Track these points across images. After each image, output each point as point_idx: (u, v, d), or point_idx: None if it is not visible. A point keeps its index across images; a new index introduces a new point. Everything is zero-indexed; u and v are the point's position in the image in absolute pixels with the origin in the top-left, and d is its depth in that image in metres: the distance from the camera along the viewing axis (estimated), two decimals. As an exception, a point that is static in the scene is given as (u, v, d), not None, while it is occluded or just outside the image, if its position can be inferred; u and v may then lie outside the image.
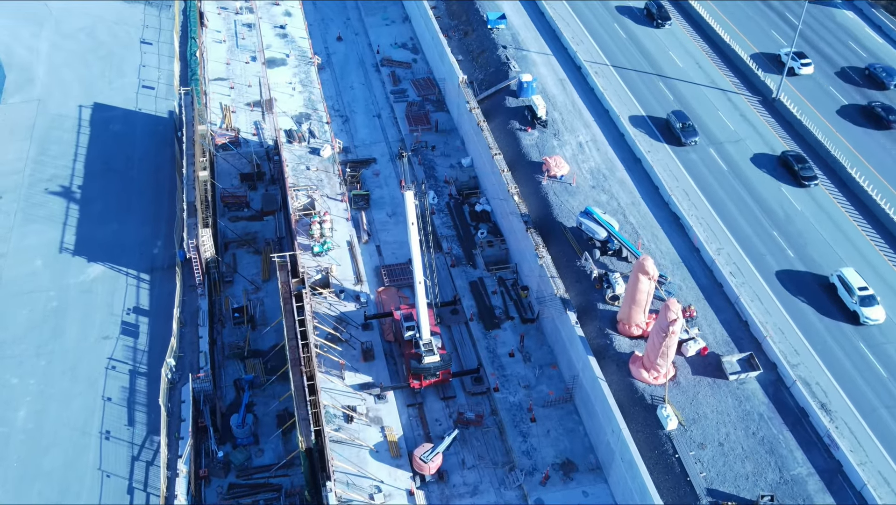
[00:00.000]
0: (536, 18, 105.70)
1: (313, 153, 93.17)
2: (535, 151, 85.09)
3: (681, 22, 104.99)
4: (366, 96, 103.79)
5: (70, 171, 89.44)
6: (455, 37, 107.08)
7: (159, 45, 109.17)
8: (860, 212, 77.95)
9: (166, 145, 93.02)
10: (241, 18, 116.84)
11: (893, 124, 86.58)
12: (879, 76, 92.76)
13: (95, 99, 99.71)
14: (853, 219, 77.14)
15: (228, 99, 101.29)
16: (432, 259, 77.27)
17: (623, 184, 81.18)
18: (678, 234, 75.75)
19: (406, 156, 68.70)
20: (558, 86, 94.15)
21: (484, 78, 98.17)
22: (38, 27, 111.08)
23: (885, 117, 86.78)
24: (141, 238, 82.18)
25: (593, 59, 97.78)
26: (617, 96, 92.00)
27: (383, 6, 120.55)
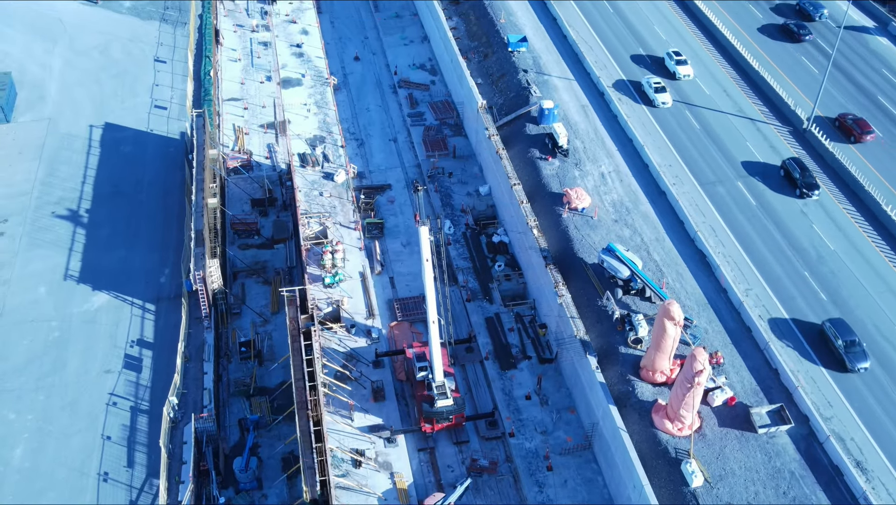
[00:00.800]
0: (558, 41, 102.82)
1: (327, 178, 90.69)
2: (556, 182, 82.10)
3: (707, 46, 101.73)
4: (382, 119, 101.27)
5: (78, 194, 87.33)
6: (474, 59, 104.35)
7: (173, 63, 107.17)
8: (893, 247, 74.59)
9: (177, 168, 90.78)
10: (258, 36, 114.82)
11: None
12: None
13: (107, 118, 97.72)
14: (886, 256, 73.66)
15: (242, 120, 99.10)
16: (447, 292, 74.36)
17: (647, 218, 78.01)
18: (704, 274, 72.47)
19: (422, 189, 65.95)
20: (580, 112, 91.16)
21: (504, 103, 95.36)
22: (51, 44, 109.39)
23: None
24: (148, 266, 79.82)
25: (616, 86, 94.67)
26: (641, 124, 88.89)
27: (402, 26, 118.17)
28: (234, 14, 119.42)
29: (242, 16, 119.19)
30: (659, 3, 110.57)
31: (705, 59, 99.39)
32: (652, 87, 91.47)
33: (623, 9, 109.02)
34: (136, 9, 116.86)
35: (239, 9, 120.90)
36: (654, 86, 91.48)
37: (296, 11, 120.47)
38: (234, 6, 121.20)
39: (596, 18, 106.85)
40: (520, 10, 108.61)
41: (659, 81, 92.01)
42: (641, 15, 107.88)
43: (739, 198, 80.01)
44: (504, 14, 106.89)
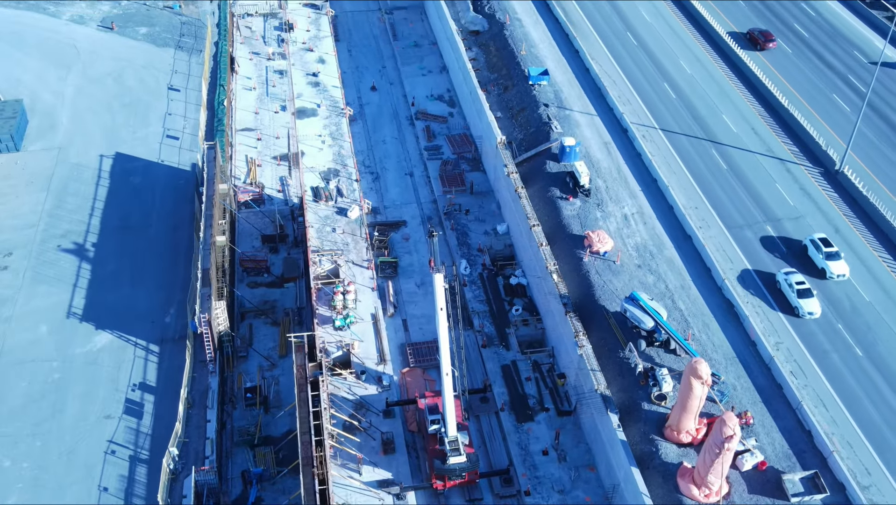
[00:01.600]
0: (581, 75, 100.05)
1: (340, 214, 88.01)
2: (577, 223, 79.05)
3: (733, 80, 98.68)
4: (398, 152, 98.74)
5: (85, 227, 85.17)
6: (494, 91, 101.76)
7: (187, 91, 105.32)
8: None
9: (187, 202, 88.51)
10: (273, 65, 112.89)
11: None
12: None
13: (118, 148, 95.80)
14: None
15: (255, 151, 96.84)
16: (462, 337, 71.18)
17: (672, 264, 74.71)
18: (732, 325, 68.98)
19: (436, 235, 63.06)
20: (603, 150, 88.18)
21: (524, 138, 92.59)
22: (65, 70, 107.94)
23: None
24: (153, 304, 77.34)
25: (641, 122, 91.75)
26: (666, 164, 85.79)
27: (420, 55, 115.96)
28: (251, 41, 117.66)
29: (259, 43, 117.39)
30: (681, 31, 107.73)
31: (730, 93, 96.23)
32: None
33: (647, 41, 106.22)
34: (152, 35, 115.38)
35: (256, 35, 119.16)
36: None
37: (313, 39, 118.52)
38: (250, 33, 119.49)
39: (619, 51, 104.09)
40: (541, 43, 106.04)
41: None
42: (665, 47, 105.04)
43: (769, 243, 76.54)
44: (525, 46, 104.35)
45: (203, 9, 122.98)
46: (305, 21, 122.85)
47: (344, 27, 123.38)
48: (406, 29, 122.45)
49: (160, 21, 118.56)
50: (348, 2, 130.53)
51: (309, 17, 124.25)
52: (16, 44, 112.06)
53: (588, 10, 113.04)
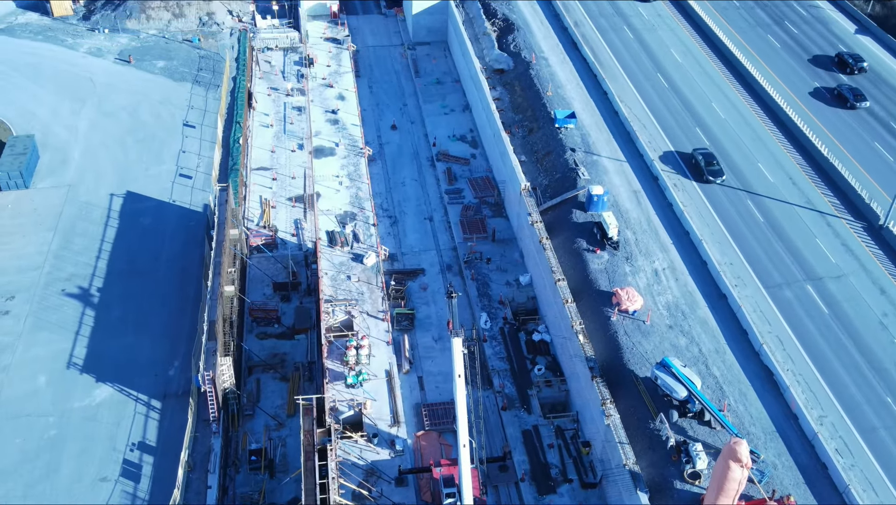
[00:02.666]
0: (609, 118, 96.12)
1: (356, 260, 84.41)
2: (605, 278, 74.79)
3: (769, 126, 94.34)
4: (418, 195, 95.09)
5: (91, 271, 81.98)
6: (518, 133, 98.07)
7: (202, 128, 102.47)
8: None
9: (196, 245, 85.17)
10: (292, 101, 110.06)
11: None
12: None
13: (129, 187, 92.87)
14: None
15: (269, 192, 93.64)
16: (480, 399, 66.86)
17: (705, 325, 70.15)
18: (771, 395, 64.21)
19: (456, 296, 59.11)
20: (632, 199, 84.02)
21: (549, 184, 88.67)
22: (80, 104, 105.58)
23: None
24: (157, 356, 73.72)
25: (672, 169, 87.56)
26: (699, 215, 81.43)
27: (443, 93, 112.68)
28: (270, 76, 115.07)
29: (278, 78, 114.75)
30: (713, 73, 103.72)
31: (769, 143, 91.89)
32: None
33: (678, 82, 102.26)
34: (170, 69, 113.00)
35: (275, 70, 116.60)
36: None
37: (333, 75, 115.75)
38: (270, 68, 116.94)
39: (649, 93, 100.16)
40: (568, 83, 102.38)
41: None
42: (697, 89, 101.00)
43: (810, 304, 71.86)
44: (551, 86, 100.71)
45: (222, 42, 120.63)
46: (326, 56, 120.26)
47: (365, 62, 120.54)
48: (429, 65, 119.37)
49: (178, 55, 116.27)
50: (371, 36, 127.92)
51: (330, 51, 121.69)
52: (32, 76, 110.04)
53: (617, 49, 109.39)
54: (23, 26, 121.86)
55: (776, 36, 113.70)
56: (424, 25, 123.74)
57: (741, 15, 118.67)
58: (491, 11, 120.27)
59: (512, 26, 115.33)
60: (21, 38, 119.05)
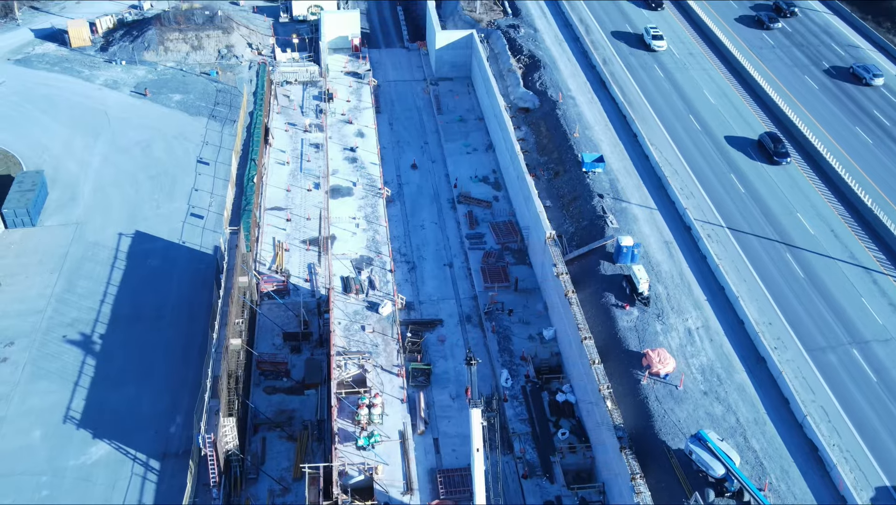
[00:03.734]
0: (639, 162, 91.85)
1: (371, 309, 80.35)
2: (634, 336, 70.18)
3: (808, 174, 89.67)
4: (437, 239, 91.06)
5: (94, 316, 78.51)
6: (544, 177, 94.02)
7: (216, 165, 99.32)
8: None
9: (205, 289, 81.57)
10: (310, 137, 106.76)
11: None
12: None
13: (138, 226, 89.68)
14: None
15: (283, 234, 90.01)
16: (500, 465, 62.25)
17: (743, 391, 65.25)
18: (817, 472, 59.11)
19: (476, 363, 54.80)
20: (663, 250, 79.51)
21: (575, 231, 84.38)
22: (93, 138, 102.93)
23: None
24: (158, 410, 69.85)
25: (705, 218, 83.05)
26: (735, 269, 76.72)
27: (465, 131, 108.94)
28: (288, 111, 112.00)
29: (296, 113, 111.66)
30: (749, 116, 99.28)
31: (808, 192, 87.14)
32: None
33: (711, 125, 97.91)
34: (186, 103, 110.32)
35: (293, 105, 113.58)
36: None
37: (353, 111, 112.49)
38: (288, 102, 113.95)
39: (681, 136, 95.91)
40: (596, 124, 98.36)
41: None
42: (731, 132, 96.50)
43: (856, 371, 66.79)
44: (579, 127, 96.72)
45: (240, 76, 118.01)
46: (346, 91, 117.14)
47: (386, 98, 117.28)
48: (451, 102, 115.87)
49: (195, 88, 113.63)
50: (392, 70, 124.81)
51: (350, 86, 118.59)
52: (46, 109, 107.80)
53: (647, 89, 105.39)
54: (40, 57, 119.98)
55: (814, 77, 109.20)
56: (448, 60, 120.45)
57: (777, 55, 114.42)
58: (516, 47, 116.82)
59: (538, 63, 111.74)
60: (37, 68, 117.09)
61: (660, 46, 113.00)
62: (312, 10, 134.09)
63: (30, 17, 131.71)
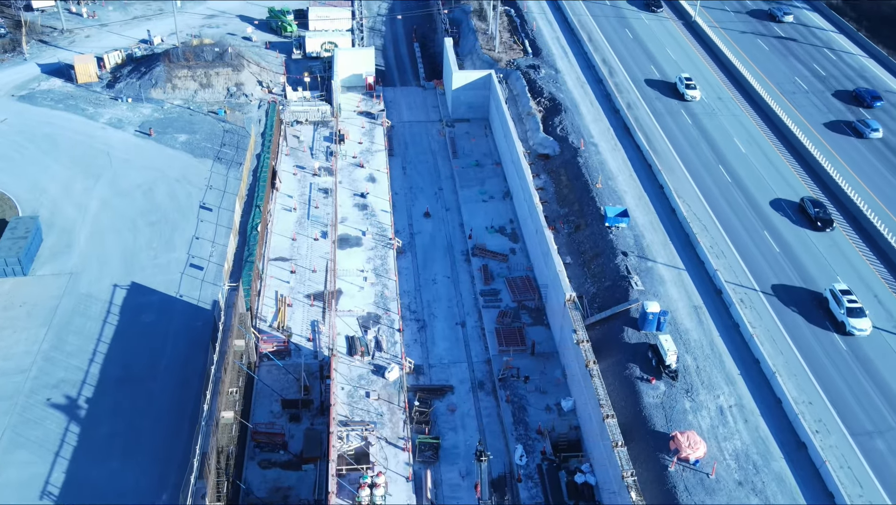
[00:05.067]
0: (666, 217, 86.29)
1: (377, 373, 75.05)
2: (661, 414, 64.32)
3: (851, 236, 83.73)
4: (450, 295, 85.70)
5: (82, 377, 73.59)
6: (564, 230, 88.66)
7: (219, 211, 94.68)
8: None
9: (201, 349, 76.53)
10: (319, 181, 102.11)
11: None
12: None
13: (134, 277, 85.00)
14: None
15: (287, 287, 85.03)
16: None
17: (782, 482, 59.12)
18: (867, 583, 53.00)
19: (487, 459, 49.28)
20: (692, 316, 73.72)
21: (597, 292, 78.81)
22: (93, 180, 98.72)
23: None
24: (143, 486, 64.48)
25: (738, 281, 77.26)
26: (771, 339, 70.79)
27: (482, 177, 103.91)
28: (297, 153, 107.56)
29: (306, 155, 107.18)
30: (781, 166, 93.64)
31: (850, 254, 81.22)
32: None
33: (742, 177, 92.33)
34: (191, 144, 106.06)
35: (303, 147, 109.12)
36: None
37: (365, 153, 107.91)
38: (298, 144, 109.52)
39: (710, 188, 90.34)
40: (620, 174, 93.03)
41: None
42: (764, 185, 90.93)
43: (907, 460, 60.67)
44: (602, 178, 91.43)
45: (249, 115, 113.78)
46: (358, 131, 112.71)
47: (400, 139, 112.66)
48: (467, 144, 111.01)
49: (202, 128, 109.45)
50: (407, 110, 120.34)
51: (363, 127, 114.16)
52: (47, 148, 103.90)
53: (674, 135, 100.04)
54: (45, 93, 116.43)
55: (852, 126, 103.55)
56: (464, 101, 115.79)
57: (811, 101, 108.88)
58: (536, 89, 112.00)
59: (559, 106, 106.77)
60: (42, 105, 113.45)
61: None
62: (326, 46, 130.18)
63: (38, 51, 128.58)
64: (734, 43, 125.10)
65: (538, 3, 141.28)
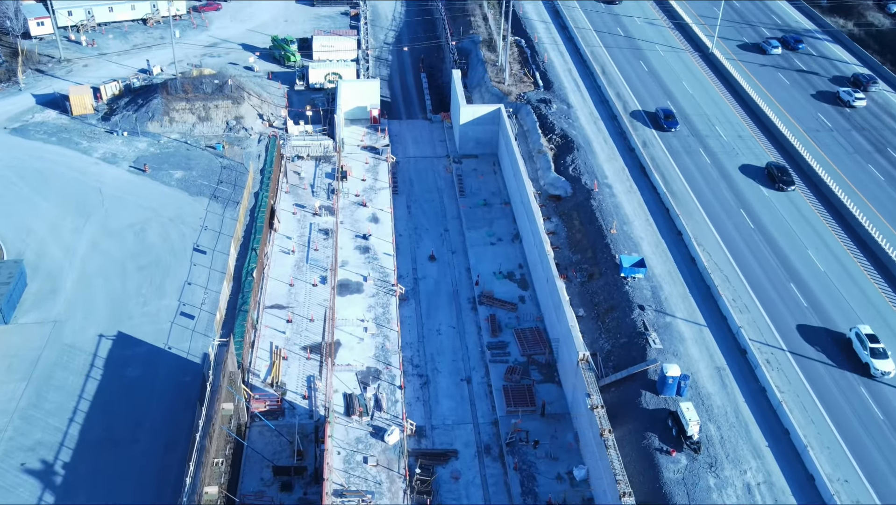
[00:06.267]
0: (685, 266, 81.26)
1: (376, 436, 70.05)
2: (682, 492, 59.04)
3: (883, 288, 78.51)
4: (455, 347, 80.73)
5: (60, 438, 68.78)
6: (576, 279, 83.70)
7: (213, 254, 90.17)
8: None
9: (188, 408, 71.73)
10: (319, 221, 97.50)
11: None
12: None
13: (122, 325, 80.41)
14: None
15: (282, 338, 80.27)
16: None
17: (818, 574, 53.89)
18: None
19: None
20: (714, 379, 68.53)
21: (612, 349, 73.74)
22: (83, 220, 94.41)
23: None
24: (120, 565, 59.74)
25: (763, 339, 72.06)
26: (801, 406, 65.52)
27: (490, 218, 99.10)
28: (297, 190, 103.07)
29: (306, 193, 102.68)
30: (808, 212, 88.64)
31: (884, 310, 76.00)
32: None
33: (766, 224, 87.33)
34: (187, 181, 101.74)
35: (304, 184, 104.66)
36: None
37: (368, 191, 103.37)
38: (298, 180, 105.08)
39: (731, 235, 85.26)
40: (636, 218, 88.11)
41: None
42: (789, 233, 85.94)
43: (955, 550, 55.24)
44: (616, 222, 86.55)
45: (248, 150, 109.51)
46: (362, 168, 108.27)
47: (405, 176, 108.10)
48: (475, 182, 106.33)
49: (199, 164, 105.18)
50: (413, 145, 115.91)
51: (366, 162, 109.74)
52: (37, 185, 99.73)
53: (692, 176, 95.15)
54: (38, 126, 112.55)
55: (880, 168, 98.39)
56: (473, 137, 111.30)
57: (836, 139, 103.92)
58: (548, 125, 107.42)
59: (571, 144, 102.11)
60: (34, 139, 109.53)
61: None
62: (330, 77, 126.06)
63: (33, 80, 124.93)
64: (753, 76, 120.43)
65: (549, 33, 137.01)
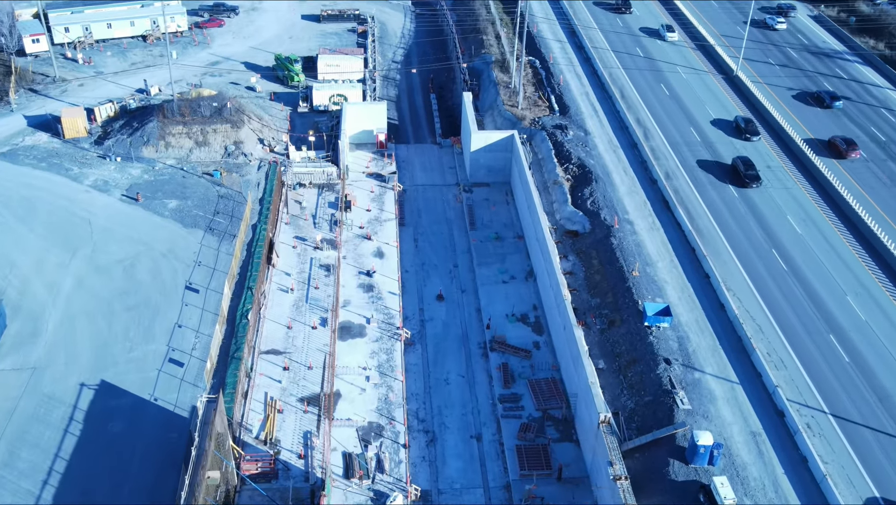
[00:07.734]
0: (714, 314, 74.99)
1: (377, 502, 64.03)
2: (718, 581, 52.77)
3: None
4: (464, 399, 74.67)
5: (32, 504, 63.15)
6: (596, 326, 77.58)
7: (207, 293, 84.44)
8: None
9: (172, 470, 65.76)
10: (321, 256, 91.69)
11: None
12: None
13: (105, 373, 74.70)
14: None
15: (278, 388, 74.41)
16: None
17: None
18: None
19: None
20: (750, 446, 62.18)
21: (635, 408, 67.52)
22: (69, 254, 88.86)
23: None
24: None
25: (802, 399, 65.71)
26: (847, 479, 59.08)
27: (502, 253, 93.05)
28: (298, 222, 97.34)
29: (308, 224, 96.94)
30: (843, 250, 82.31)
31: (928, 360, 69.76)
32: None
33: (798, 262, 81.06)
34: (181, 211, 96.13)
35: (305, 214, 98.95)
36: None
37: (373, 223, 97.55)
38: (299, 210, 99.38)
39: (764, 279, 78.94)
40: (660, 259, 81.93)
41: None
42: (824, 274, 79.62)
43: None
44: (639, 264, 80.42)
45: (247, 177, 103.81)
46: (367, 197, 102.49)
47: (412, 206, 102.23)
48: (486, 213, 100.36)
49: (195, 193, 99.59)
50: (421, 171, 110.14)
51: (372, 191, 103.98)
52: (23, 215, 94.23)
53: (719, 212, 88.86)
54: (28, 150, 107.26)
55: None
56: (484, 164, 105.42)
57: (871, 169, 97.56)
58: (564, 153, 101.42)
59: (589, 175, 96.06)
60: (23, 164, 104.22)
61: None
62: (335, 99, 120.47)
63: (26, 101, 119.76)
64: (780, 100, 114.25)
65: (565, 53, 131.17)
